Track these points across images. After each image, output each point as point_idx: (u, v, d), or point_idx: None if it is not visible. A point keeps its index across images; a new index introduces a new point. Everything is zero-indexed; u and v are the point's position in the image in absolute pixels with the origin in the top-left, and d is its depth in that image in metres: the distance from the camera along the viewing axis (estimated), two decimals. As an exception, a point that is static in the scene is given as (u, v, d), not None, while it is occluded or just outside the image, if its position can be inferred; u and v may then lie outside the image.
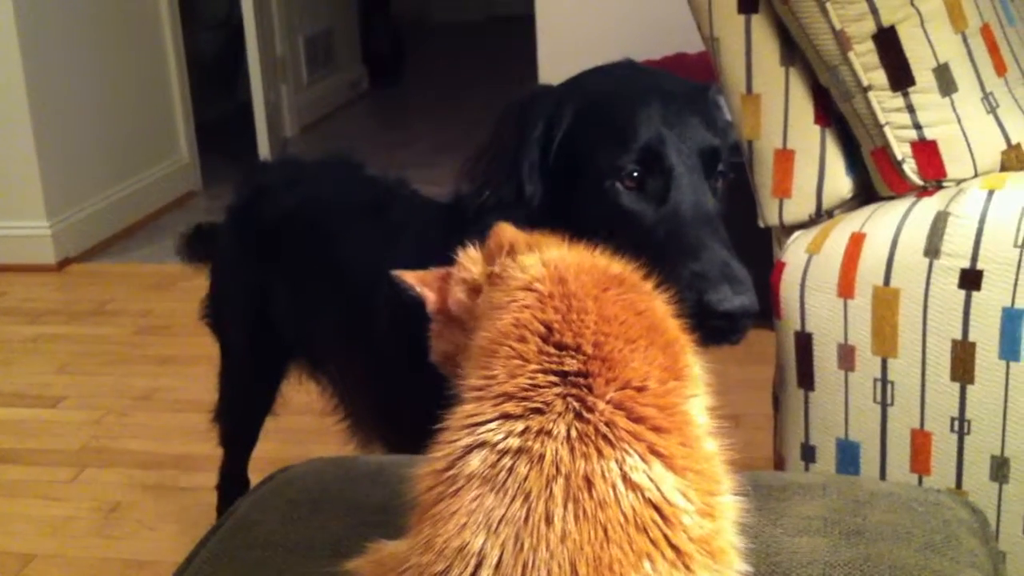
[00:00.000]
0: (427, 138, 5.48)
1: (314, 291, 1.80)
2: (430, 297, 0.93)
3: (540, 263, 0.83)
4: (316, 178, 1.92)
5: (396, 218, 1.69)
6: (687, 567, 0.70)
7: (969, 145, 1.45)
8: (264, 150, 4.94)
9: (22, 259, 3.96)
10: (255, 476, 1.27)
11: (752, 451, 0.99)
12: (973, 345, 1.35)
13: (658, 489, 0.71)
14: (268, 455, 2.08)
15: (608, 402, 0.73)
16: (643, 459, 0.71)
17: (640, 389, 0.74)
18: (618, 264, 0.86)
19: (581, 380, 0.74)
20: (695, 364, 0.81)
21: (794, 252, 1.52)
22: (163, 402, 2.94)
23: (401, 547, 0.76)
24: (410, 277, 0.95)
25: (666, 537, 0.70)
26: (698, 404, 0.78)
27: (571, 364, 0.74)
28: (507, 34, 6.05)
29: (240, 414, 2.10)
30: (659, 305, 0.84)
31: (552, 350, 0.75)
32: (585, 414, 0.72)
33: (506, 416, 0.72)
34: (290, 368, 1.99)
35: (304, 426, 2.45)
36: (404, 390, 1.50)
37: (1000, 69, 1.49)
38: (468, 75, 7.07)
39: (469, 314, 0.88)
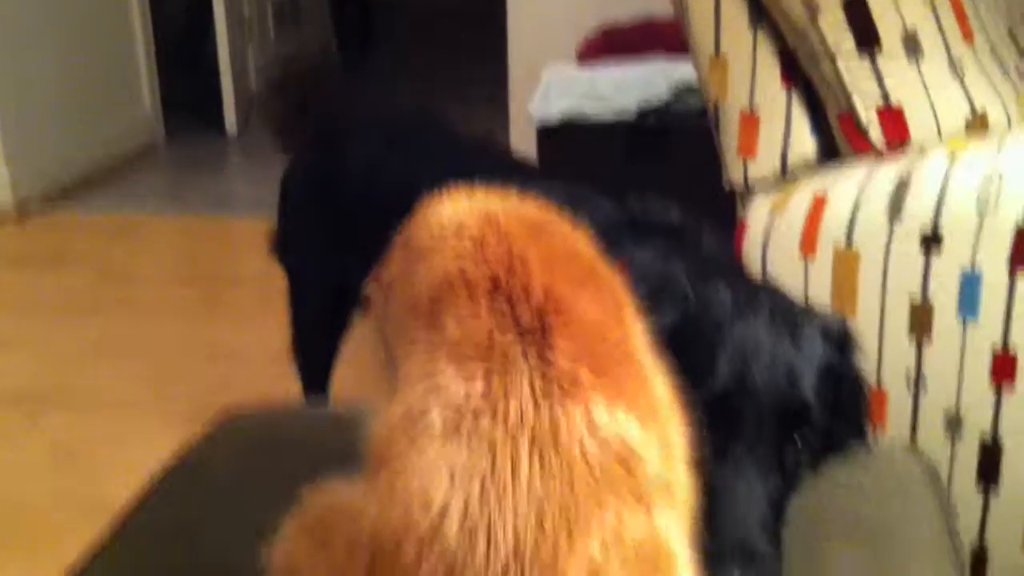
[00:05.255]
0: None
1: None
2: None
3: (463, 205, 0.81)
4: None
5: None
6: (648, 511, 0.70)
7: (934, 111, 1.46)
8: (229, 107, 4.92)
9: (-21, 207, 3.91)
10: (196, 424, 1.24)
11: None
12: (931, 306, 1.36)
13: (622, 440, 0.70)
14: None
15: (568, 354, 0.71)
16: (606, 411, 0.70)
17: (597, 337, 0.74)
18: (531, 204, 0.84)
19: (538, 332, 0.72)
20: (632, 300, 0.80)
21: (757, 211, 1.53)
22: (119, 348, 2.92)
23: (356, 494, 0.75)
24: None
25: (629, 486, 0.70)
26: (644, 342, 0.78)
27: (526, 317, 0.73)
28: (477, 6, 5.98)
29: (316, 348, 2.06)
30: (587, 244, 0.82)
31: (504, 304, 0.73)
32: (546, 368, 0.70)
33: (465, 372, 0.71)
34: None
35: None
36: None
37: (967, 37, 1.49)
38: (437, 48, 7.00)
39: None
